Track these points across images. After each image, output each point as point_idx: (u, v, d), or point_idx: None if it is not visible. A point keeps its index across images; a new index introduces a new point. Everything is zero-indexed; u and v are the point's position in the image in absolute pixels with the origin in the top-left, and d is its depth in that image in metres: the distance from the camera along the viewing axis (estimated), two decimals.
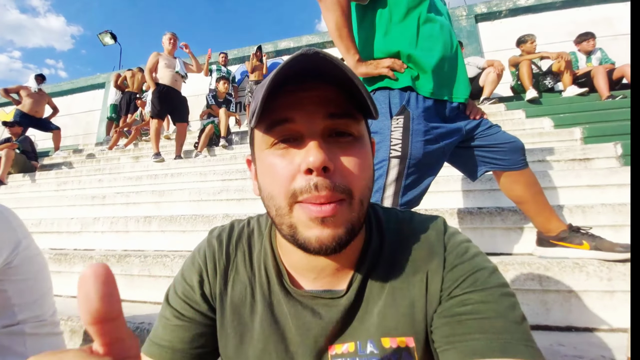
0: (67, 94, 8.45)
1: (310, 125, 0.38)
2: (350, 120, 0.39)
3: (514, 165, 1.17)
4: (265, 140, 0.40)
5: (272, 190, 0.39)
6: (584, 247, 1.15)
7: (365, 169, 0.40)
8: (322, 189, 0.36)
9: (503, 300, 0.39)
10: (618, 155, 2.14)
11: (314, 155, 0.35)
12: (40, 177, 4.35)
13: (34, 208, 2.93)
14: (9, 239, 0.77)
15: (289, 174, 0.37)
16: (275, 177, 0.38)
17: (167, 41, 4.10)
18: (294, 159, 0.38)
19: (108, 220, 2.11)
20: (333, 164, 0.37)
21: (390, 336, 0.42)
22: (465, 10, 5.86)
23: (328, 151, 0.37)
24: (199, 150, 4.27)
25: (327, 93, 0.39)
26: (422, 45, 1.07)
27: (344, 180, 0.37)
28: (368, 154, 0.41)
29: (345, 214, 0.37)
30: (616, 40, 4.81)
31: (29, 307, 0.81)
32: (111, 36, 9.11)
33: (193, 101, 5.54)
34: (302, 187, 0.36)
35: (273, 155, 0.39)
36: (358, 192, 0.38)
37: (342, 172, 0.38)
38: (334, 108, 0.38)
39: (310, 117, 0.38)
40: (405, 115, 1.04)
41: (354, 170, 0.38)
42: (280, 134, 0.39)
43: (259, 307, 0.46)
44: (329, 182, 0.36)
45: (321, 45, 6.70)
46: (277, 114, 0.38)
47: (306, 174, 0.36)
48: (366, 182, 0.40)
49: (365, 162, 0.40)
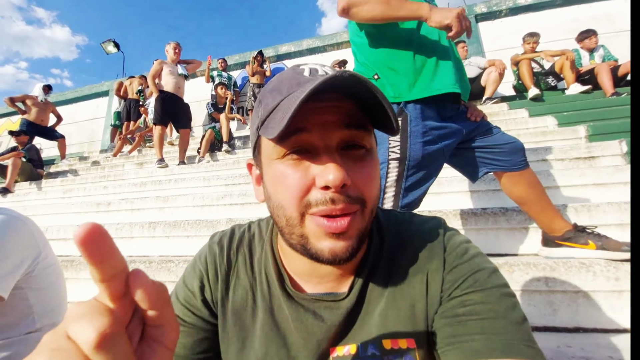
0: (71, 102, 8.56)
1: (325, 137, 0.37)
2: (364, 132, 0.39)
3: (515, 165, 1.16)
4: (276, 151, 0.39)
5: (282, 201, 0.39)
6: (590, 246, 1.13)
7: (376, 179, 0.41)
8: (339, 202, 0.36)
9: (503, 301, 0.39)
10: (623, 153, 2.12)
11: (334, 173, 0.35)
12: (47, 185, 4.40)
13: (41, 215, 2.96)
14: (31, 249, 0.80)
15: (303, 186, 0.37)
16: (287, 188, 0.38)
17: (171, 50, 4.14)
18: (308, 171, 0.37)
19: (113, 226, 2.12)
20: (350, 178, 0.37)
21: (391, 338, 0.42)
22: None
23: (344, 166, 0.37)
24: (202, 156, 4.29)
25: (344, 104, 0.38)
26: (424, 45, 1.07)
27: (359, 192, 0.38)
28: (377, 166, 0.42)
29: (357, 224, 0.38)
30: (618, 37, 4.78)
31: (47, 314, 0.83)
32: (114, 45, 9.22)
33: (195, 107, 5.58)
34: (318, 199, 0.37)
35: (284, 166, 0.38)
36: (370, 202, 0.39)
37: (357, 185, 0.38)
38: (349, 119, 0.38)
39: (325, 128, 0.37)
40: (403, 117, 1.04)
41: (368, 183, 0.39)
42: (293, 145, 0.38)
43: (260, 312, 0.46)
44: (344, 197, 0.36)
45: (322, 48, 6.73)
46: (292, 124, 0.36)
47: (323, 189, 0.36)
48: (377, 192, 0.41)
49: (376, 173, 0.41)
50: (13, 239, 0.76)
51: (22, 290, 0.77)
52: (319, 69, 0.40)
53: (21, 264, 0.76)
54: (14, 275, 0.74)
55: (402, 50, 1.07)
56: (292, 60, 6.90)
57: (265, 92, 0.42)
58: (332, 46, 6.64)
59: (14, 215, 0.80)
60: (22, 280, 0.77)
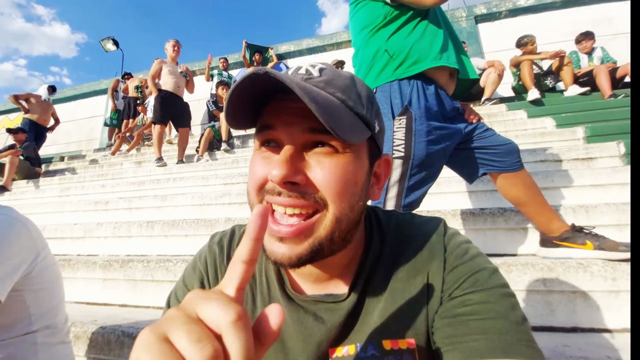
0: (70, 100, 8.52)
1: (290, 135, 0.38)
2: (333, 136, 0.37)
3: (510, 166, 1.17)
4: (256, 142, 0.42)
5: (248, 187, 0.41)
6: (588, 247, 1.14)
7: (346, 183, 0.37)
8: (284, 196, 0.36)
9: (503, 301, 0.39)
10: (621, 155, 2.13)
11: (277, 169, 0.35)
12: (44, 183, 4.38)
13: (38, 214, 2.95)
14: (29, 250, 0.79)
15: (262, 175, 0.39)
16: (252, 175, 0.40)
17: (170, 48, 4.14)
18: (270, 162, 0.39)
19: (111, 225, 2.11)
20: (304, 176, 0.37)
21: (391, 338, 0.42)
22: (465, 12, 5.86)
23: (299, 161, 0.37)
24: (200, 155, 4.28)
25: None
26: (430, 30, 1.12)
27: (316, 191, 0.37)
28: (354, 170, 0.39)
29: (312, 230, 0.37)
30: (617, 39, 4.80)
31: (44, 315, 0.83)
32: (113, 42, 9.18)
33: (195, 106, 5.57)
34: (269, 189, 0.38)
35: (257, 156, 0.41)
36: (335, 206, 0.37)
37: (316, 184, 0.37)
38: (315, 122, 0.36)
39: (290, 128, 0.38)
40: (408, 116, 1.05)
41: (330, 183, 0.37)
42: (263, 138, 0.40)
43: (259, 314, 0.45)
44: (296, 193, 0.36)
45: (321, 48, 6.72)
46: (264, 119, 0.40)
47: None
48: (347, 199, 0.38)
49: (348, 176, 0.38)
50: (12, 240, 0.75)
51: (19, 292, 0.77)
52: (303, 68, 0.41)
53: (19, 266, 0.75)
54: (12, 278, 0.73)
55: (407, 34, 1.11)
56: (292, 59, 6.89)
57: None
58: (332, 46, 6.64)
59: (13, 216, 0.79)
60: (20, 282, 0.76)
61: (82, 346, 1.11)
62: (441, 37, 1.12)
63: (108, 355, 1.07)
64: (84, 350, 1.10)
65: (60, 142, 7.97)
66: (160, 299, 1.42)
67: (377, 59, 1.14)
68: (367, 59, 1.16)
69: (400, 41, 1.11)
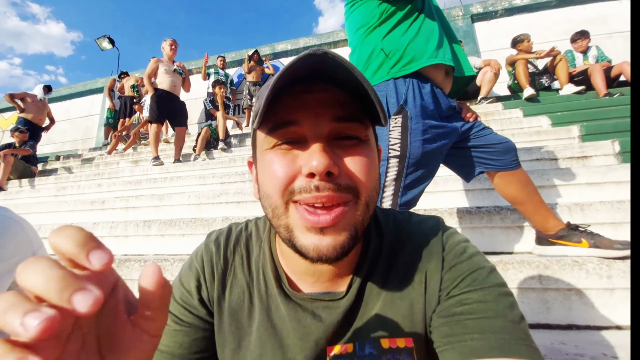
0: (65, 99, 8.45)
1: (315, 128, 0.36)
2: (357, 124, 0.38)
3: (507, 165, 1.18)
4: (267, 141, 0.39)
5: (268, 189, 0.38)
6: (583, 244, 1.15)
7: (371, 170, 0.38)
8: (324, 190, 0.35)
9: (501, 300, 0.39)
10: (616, 153, 2.15)
11: (317, 159, 0.34)
12: (40, 183, 4.34)
13: (33, 214, 2.92)
14: (26, 251, 0.78)
15: (289, 173, 0.37)
16: (273, 176, 0.37)
17: (167, 47, 4.11)
18: (296, 160, 0.37)
19: (107, 225, 2.10)
20: (338, 167, 0.36)
21: (389, 337, 0.42)
22: (461, 10, 5.88)
23: (332, 154, 0.36)
24: (197, 154, 4.26)
25: (335, 95, 0.37)
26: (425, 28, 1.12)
27: (349, 180, 0.37)
28: (374, 157, 0.40)
29: (349, 217, 0.37)
30: (611, 38, 4.83)
31: None
32: (109, 41, 9.11)
33: (191, 105, 5.55)
34: (302, 186, 0.36)
35: (273, 154, 0.38)
36: (365, 192, 0.37)
37: (348, 174, 0.37)
38: (341, 111, 0.37)
39: (316, 120, 0.37)
40: (404, 115, 1.05)
41: (360, 171, 0.37)
42: (283, 136, 0.38)
43: (257, 312, 0.45)
44: (332, 185, 0.35)
45: (318, 47, 6.71)
46: (282, 116, 0.37)
47: (308, 177, 0.35)
48: (373, 184, 0.39)
49: (372, 163, 0.39)
50: (8, 241, 0.74)
51: None
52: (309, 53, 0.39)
53: (15, 266, 0.75)
54: (7, 279, 0.73)
55: (402, 33, 1.11)
56: (289, 58, 6.88)
57: (262, 88, 0.42)
58: (329, 44, 6.63)
59: (9, 217, 0.78)
60: (16, 282, 0.76)
61: None
62: (437, 34, 1.12)
63: None
64: None
65: (56, 141, 7.92)
66: None
67: (373, 58, 1.13)
68: (363, 58, 1.16)
69: (395, 40, 1.11)
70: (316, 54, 0.33)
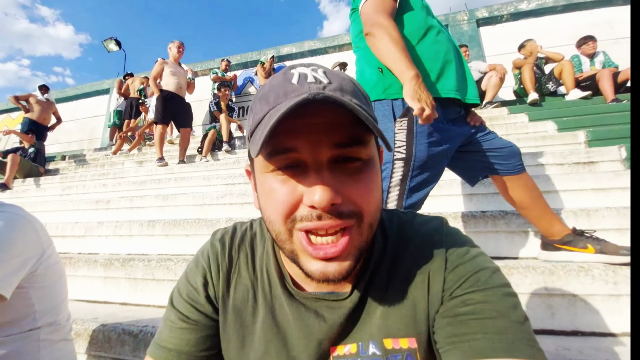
0: (72, 99, 8.55)
1: (315, 155, 0.35)
2: (359, 147, 0.37)
3: (512, 170, 1.18)
4: (265, 165, 0.38)
5: (270, 216, 0.38)
6: (589, 250, 1.14)
7: (375, 191, 0.38)
8: (327, 219, 0.35)
9: (505, 300, 0.38)
10: (623, 159, 2.13)
11: (319, 194, 0.34)
12: (45, 182, 4.39)
13: (39, 212, 2.95)
14: (36, 248, 0.80)
15: (291, 202, 0.36)
16: (275, 204, 0.37)
17: (175, 48, 4.15)
18: (297, 188, 0.36)
19: (112, 224, 2.12)
20: (340, 195, 0.35)
21: (392, 337, 0.41)
22: (466, 15, 5.88)
23: (334, 181, 0.35)
24: (204, 155, 4.30)
25: (333, 118, 0.35)
26: (429, 52, 1.08)
27: (353, 206, 0.36)
28: (377, 175, 0.40)
29: (354, 241, 0.37)
30: (618, 44, 4.81)
31: (49, 312, 0.83)
32: (116, 43, 9.23)
33: (196, 106, 5.59)
34: (304, 215, 0.36)
35: (273, 180, 0.37)
36: (368, 215, 0.37)
37: (351, 200, 0.36)
38: (340, 136, 0.35)
39: (315, 147, 0.35)
40: (409, 117, 1.05)
41: (364, 196, 0.37)
42: (283, 162, 0.36)
43: (261, 311, 0.46)
44: (335, 214, 0.35)
45: (323, 50, 6.75)
46: (279, 142, 0.35)
47: (310, 207, 0.35)
48: (376, 205, 0.39)
49: (375, 184, 0.39)
50: (19, 238, 0.76)
51: (24, 290, 0.77)
52: (309, 75, 0.37)
53: (25, 263, 0.76)
54: (17, 275, 0.74)
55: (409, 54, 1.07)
56: (294, 61, 6.92)
57: (255, 99, 0.40)
58: (334, 48, 6.67)
59: (21, 214, 0.80)
60: (25, 279, 0.77)
61: (82, 343, 1.11)
62: (439, 65, 1.08)
63: (108, 353, 1.07)
64: (84, 347, 1.11)
65: (62, 141, 8.00)
66: (161, 297, 1.42)
67: (373, 73, 1.12)
68: (365, 69, 1.16)
69: None
70: (315, 99, 0.32)
